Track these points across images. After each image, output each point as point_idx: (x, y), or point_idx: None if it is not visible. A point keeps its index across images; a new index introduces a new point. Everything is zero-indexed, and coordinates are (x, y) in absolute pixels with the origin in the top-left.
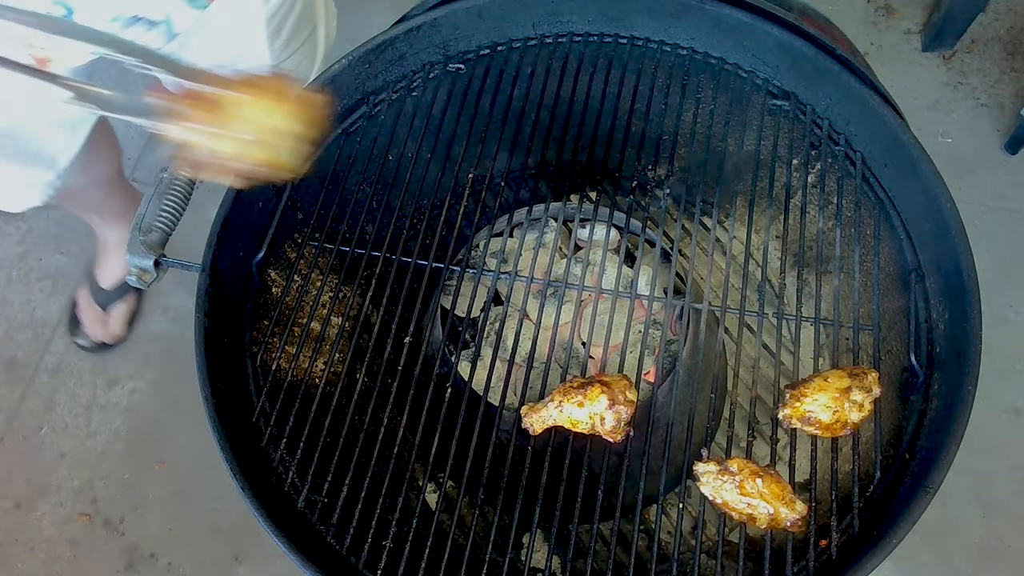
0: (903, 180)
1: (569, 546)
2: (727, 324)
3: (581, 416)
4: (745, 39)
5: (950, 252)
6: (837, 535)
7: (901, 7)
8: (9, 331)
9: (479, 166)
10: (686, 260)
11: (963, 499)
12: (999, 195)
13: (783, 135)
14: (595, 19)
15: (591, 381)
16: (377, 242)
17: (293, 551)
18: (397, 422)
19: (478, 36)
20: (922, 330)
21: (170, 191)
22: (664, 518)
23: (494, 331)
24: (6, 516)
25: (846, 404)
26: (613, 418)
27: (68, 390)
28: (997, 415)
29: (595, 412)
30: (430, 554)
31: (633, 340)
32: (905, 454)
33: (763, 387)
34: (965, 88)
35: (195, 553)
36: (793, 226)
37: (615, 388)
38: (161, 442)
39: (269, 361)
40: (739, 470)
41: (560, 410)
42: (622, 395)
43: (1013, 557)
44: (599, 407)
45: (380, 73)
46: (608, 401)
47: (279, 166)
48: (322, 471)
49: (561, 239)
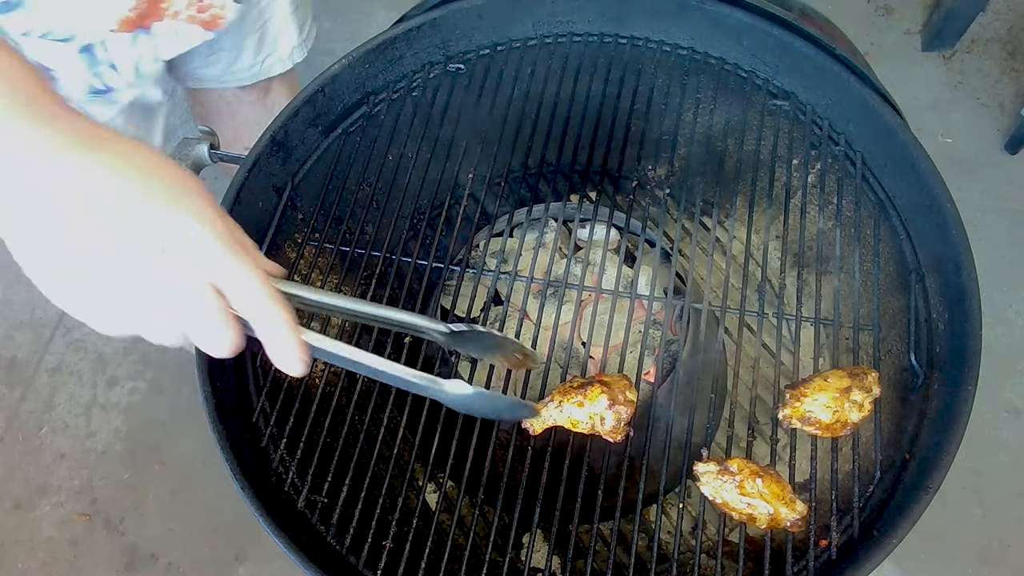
0: (903, 180)
1: (569, 546)
2: (727, 324)
3: (581, 416)
4: (745, 39)
5: (950, 252)
6: (837, 535)
7: (901, 7)
8: (9, 331)
9: (479, 166)
10: (686, 260)
11: (963, 499)
12: (999, 195)
13: (783, 135)
14: (595, 19)
15: (591, 381)
16: (377, 242)
17: (293, 551)
18: (397, 422)
19: (478, 36)
20: (922, 330)
21: None
22: (664, 518)
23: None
24: (6, 516)
25: (846, 404)
26: (613, 418)
27: (68, 390)
28: (997, 415)
29: (595, 412)
30: (430, 554)
31: (633, 340)
32: (905, 454)
33: (763, 387)
34: (965, 88)
35: (195, 553)
36: (793, 226)
37: (615, 388)
38: (161, 442)
39: (269, 361)
40: (739, 470)
41: (560, 410)
42: (622, 395)
43: (1013, 557)
44: (599, 407)
45: (380, 73)
46: (608, 401)
47: None
48: (322, 471)
49: (561, 239)
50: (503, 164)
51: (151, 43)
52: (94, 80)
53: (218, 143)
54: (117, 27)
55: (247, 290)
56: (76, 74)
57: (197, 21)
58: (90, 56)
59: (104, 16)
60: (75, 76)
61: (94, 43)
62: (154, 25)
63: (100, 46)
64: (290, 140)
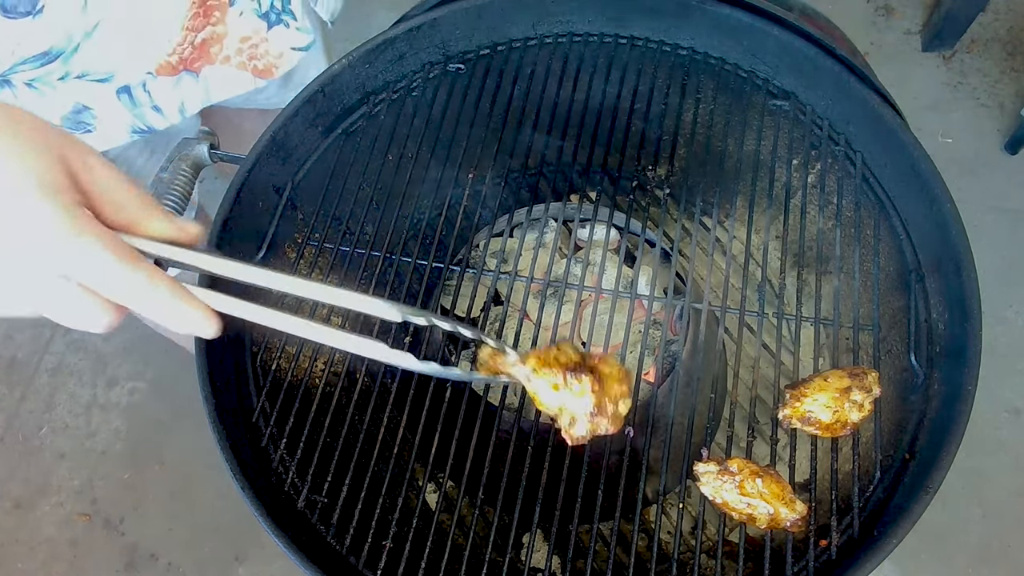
0: (903, 180)
1: (569, 546)
2: (727, 324)
3: (549, 400)
4: (745, 39)
5: (950, 252)
6: (837, 535)
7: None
8: (9, 331)
9: (479, 166)
10: (686, 260)
11: (963, 499)
12: (999, 195)
13: (783, 135)
14: (595, 19)
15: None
16: (377, 242)
17: (293, 551)
18: (397, 422)
19: (478, 36)
20: (922, 330)
21: (170, 191)
22: (664, 518)
23: (494, 331)
24: (6, 516)
25: (846, 404)
26: (586, 428)
27: (68, 390)
28: (997, 415)
29: (568, 407)
30: (430, 554)
31: (633, 340)
32: (905, 454)
33: (763, 387)
34: (965, 88)
35: (195, 553)
36: (793, 226)
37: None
38: (161, 442)
39: (269, 361)
40: (739, 470)
41: (529, 378)
42: (612, 406)
43: (1013, 557)
44: (577, 406)
45: (380, 73)
46: (593, 407)
47: None
48: (322, 471)
49: (561, 239)
50: (503, 164)
51: (199, 86)
52: (136, 121)
53: (218, 143)
54: (156, 71)
55: (100, 278)
56: (116, 114)
57: (249, 68)
58: (129, 97)
59: (141, 60)
60: (115, 116)
61: (132, 85)
62: (204, 69)
63: (139, 88)
64: (290, 140)
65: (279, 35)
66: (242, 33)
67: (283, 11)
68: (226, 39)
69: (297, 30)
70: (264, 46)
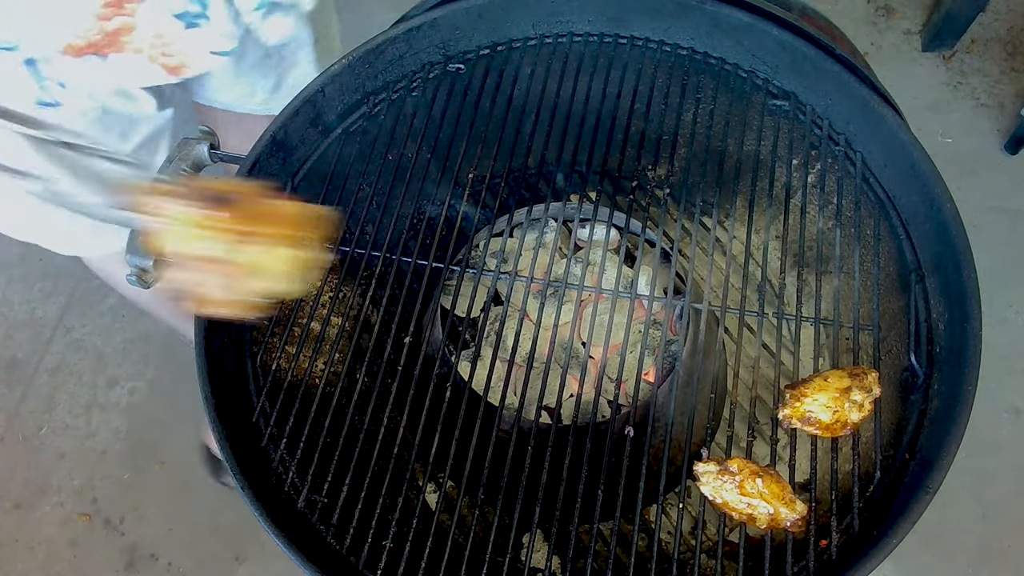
0: (903, 180)
1: (569, 546)
2: (727, 324)
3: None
4: (745, 39)
5: (950, 252)
6: (837, 535)
7: (901, 7)
8: (9, 331)
9: (479, 166)
10: (686, 260)
11: (963, 499)
12: (999, 195)
13: (783, 135)
14: (595, 19)
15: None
16: (377, 242)
17: (293, 551)
18: (397, 422)
19: (478, 36)
20: (922, 330)
21: None
22: (664, 518)
23: (494, 331)
24: (6, 516)
25: (846, 404)
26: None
27: (68, 390)
28: (997, 415)
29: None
30: (430, 554)
31: (633, 340)
32: (905, 454)
33: (763, 387)
34: (965, 88)
35: (195, 553)
36: (793, 226)
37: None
38: (161, 442)
39: (269, 361)
40: (739, 470)
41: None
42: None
43: (1013, 557)
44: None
45: (380, 73)
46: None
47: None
48: (322, 471)
49: (561, 239)
50: (503, 164)
51: (110, 71)
52: (41, 93)
53: (218, 143)
54: (63, 50)
55: None
56: (21, 82)
57: (159, 63)
58: (34, 70)
59: (50, 37)
60: (20, 84)
61: (37, 59)
62: (112, 56)
63: (44, 62)
64: (290, 140)
65: (196, 36)
66: (156, 29)
67: (199, 15)
68: (136, 31)
69: (220, 35)
70: (178, 44)
